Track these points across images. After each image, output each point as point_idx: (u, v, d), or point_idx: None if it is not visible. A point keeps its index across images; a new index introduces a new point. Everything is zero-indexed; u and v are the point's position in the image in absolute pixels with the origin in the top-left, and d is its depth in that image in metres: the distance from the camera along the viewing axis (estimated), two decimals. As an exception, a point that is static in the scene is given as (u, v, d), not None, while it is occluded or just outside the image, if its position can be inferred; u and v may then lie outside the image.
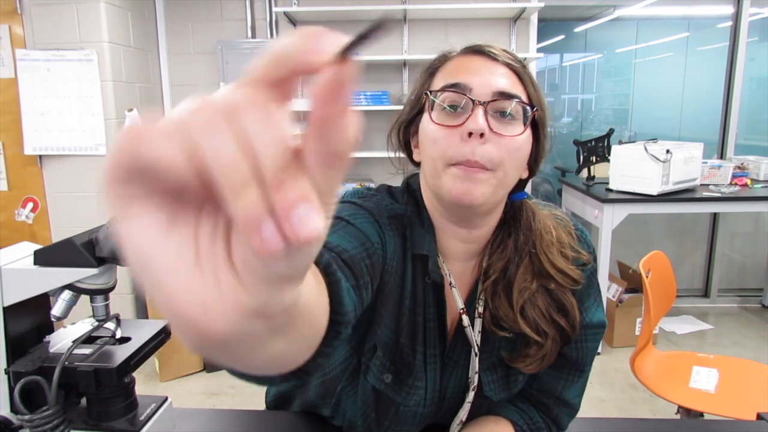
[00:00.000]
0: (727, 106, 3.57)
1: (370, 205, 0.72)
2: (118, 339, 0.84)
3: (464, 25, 3.34)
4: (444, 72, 0.71)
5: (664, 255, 1.98)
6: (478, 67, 0.68)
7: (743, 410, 1.63)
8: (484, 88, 0.66)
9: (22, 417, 0.74)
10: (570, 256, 0.75)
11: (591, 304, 0.79)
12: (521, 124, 0.67)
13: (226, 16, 3.34)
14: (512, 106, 0.66)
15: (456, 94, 0.67)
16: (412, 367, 0.75)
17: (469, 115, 0.65)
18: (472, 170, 0.65)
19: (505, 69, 0.69)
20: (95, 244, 0.76)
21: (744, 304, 3.73)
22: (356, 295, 0.59)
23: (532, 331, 0.72)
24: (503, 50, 0.70)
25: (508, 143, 0.66)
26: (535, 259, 0.73)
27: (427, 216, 0.75)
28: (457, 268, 0.77)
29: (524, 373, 0.79)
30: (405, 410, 0.76)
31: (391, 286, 0.72)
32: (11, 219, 3.04)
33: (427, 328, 0.75)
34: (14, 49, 2.81)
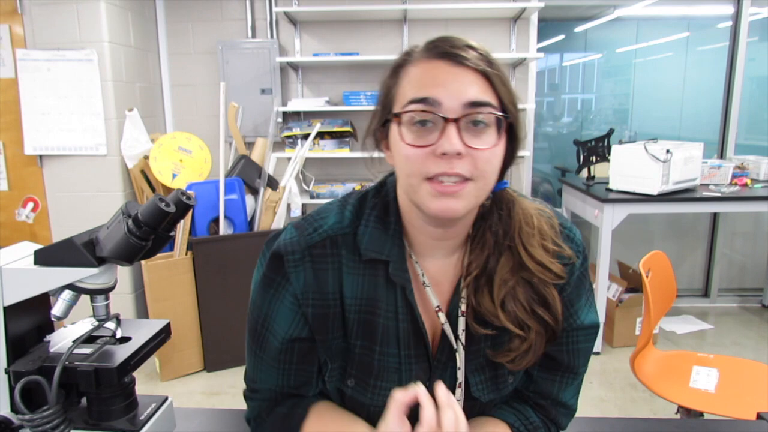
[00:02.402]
0: (727, 106, 3.57)
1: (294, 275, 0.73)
2: (119, 339, 0.84)
3: (464, 25, 3.34)
4: (410, 77, 0.68)
5: (664, 255, 1.98)
6: (445, 76, 0.65)
7: (743, 410, 1.63)
8: (454, 102, 0.64)
9: (22, 417, 0.74)
10: (551, 249, 0.73)
11: (583, 305, 0.78)
12: (495, 131, 0.66)
13: (226, 16, 3.34)
14: (485, 116, 0.65)
15: (426, 110, 0.64)
16: (371, 368, 0.75)
17: (441, 133, 0.63)
18: (449, 187, 0.64)
19: (473, 75, 0.65)
20: (95, 243, 0.76)
21: (744, 304, 3.73)
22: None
23: (514, 325, 0.71)
24: (469, 47, 0.67)
25: (484, 155, 0.65)
26: (515, 252, 0.72)
27: (394, 219, 0.74)
28: (434, 266, 0.76)
29: (514, 375, 0.78)
30: (376, 410, 0.75)
31: (345, 312, 0.74)
32: (11, 219, 3.04)
33: (389, 327, 0.74)
34: (14, 49, 2.81)
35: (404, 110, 0.66)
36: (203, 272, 2.77)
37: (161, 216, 0.75)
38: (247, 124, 3.31)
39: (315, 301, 0.74)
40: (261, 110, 3.31)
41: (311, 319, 0.75)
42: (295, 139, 3.28)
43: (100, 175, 2.92)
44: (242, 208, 2.87)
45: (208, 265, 2.76)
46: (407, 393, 0.67)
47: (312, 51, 3.36)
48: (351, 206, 0.77)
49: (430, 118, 0.64)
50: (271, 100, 3.30)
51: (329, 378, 0.78)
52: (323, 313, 0.74)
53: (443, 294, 0.77)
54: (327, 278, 0.74)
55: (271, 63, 3.28)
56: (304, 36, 3.37)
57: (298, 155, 3.07)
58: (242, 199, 2.87)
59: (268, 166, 3.07)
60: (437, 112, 0.64)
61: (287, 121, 3.38)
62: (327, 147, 3.26)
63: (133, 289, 3.02)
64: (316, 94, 3.41)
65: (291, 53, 3.38)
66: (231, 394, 2.64)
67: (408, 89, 0.67)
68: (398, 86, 0.69)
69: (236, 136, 3.09)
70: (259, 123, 3.32)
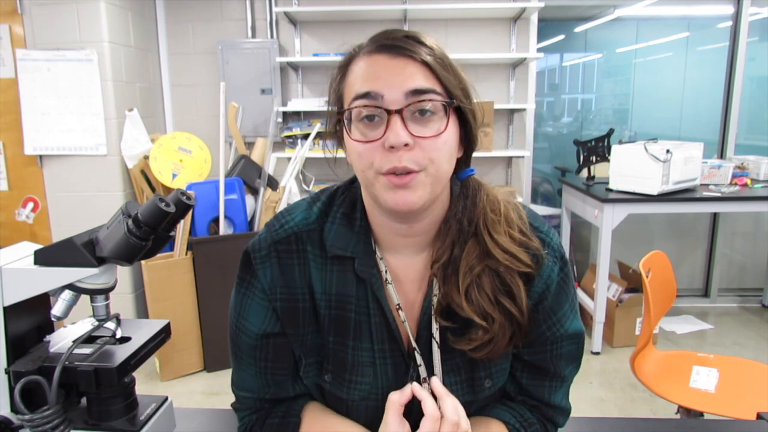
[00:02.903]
0: (727, 105, 3.57)
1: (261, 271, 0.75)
2: (119, 339, 0.84)
3: (464, 25, 3.34)
4: (354, 73, 0.68)
5: (664, 255, 1.98)
6: (386, 68, 0.65)
7: (743, 410, 1.63)
8: (396, 93, 0.64)
9: (22, 417, 0.74)
10: (517, 237, 0.73)
11: (566, 312, 0.77)
12: (443, 116, 0.65)
13: (226, 16, 3.34)
14: (429, 103, 0.64)
15: (369, 104, 0.64)
16: (345, 363, 0.76)
17: (387, 126, 0.64)
18: (402, 178, 0.65)
19: (414, 65, 0.65)
20: (95, 243, 0.76)
21: (744, 304, 3.73)
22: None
23: (477, 316, 0.70)
24: (408, 37, 0.66)
25: (432, 143, 0.65)
26: (480, 239, 0.72)
27: (359, 215, 0.75)
28: (403, 263, 0.76)
29: (492, 379, 0.77)
30: (352, 404, 0.77)
31: (316, 307, 0.75)
32: (11, 219, 3.04)
33: (362, 323, 0.75)
34: (14, 49, 2.81)
35: (350, 107, 0.66)
36: (203, 272, 2.77)
37: (161, 216, 0.75)
38: (247, 124, 3.31)
39: (282, 295, 0.75)
40: (261, 110, 3.31)
41: (281, 313, 0.76)
42: (295, 139, 3.29)
43: (100, 175, 2.92)
44: (242, 208, 2.87)
45: (208, 265, 2.76)
46: (403, 393, 0.68)
47: (312, 51, 3.36)
48: (320, 203, 0.78)
49: (374, 112, 0.65)
50: (271, 100, 3.30)
51: (305, 373, 0.78)
52: (292, 307, 0.75)
53: (414, 292, 0.77)
54: (294, 273, 0.75)
55: (271, 63, 3.27)
56: (304, 36, 3.37)
57: (298, 155, 3.07)
58: (242, 199, 2.87)
59: (268, 166, 3.07)
60: (380, 105, 0.64)
61: (287, 121, 3.38)
62: (326, 147, 3.25)
63: (133, 289, 3.02)
64: (316, 94, 3.41)
65: (291, 53, 3.38)
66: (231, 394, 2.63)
67: (352, 86, 0.67)
68: (345, 84, 0.69)
69: (236, 136, 3.09)
70: (259, 123, 3.32)
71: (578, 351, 0.81)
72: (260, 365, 0.79)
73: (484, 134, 3.12)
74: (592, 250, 3.81)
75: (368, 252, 0.74)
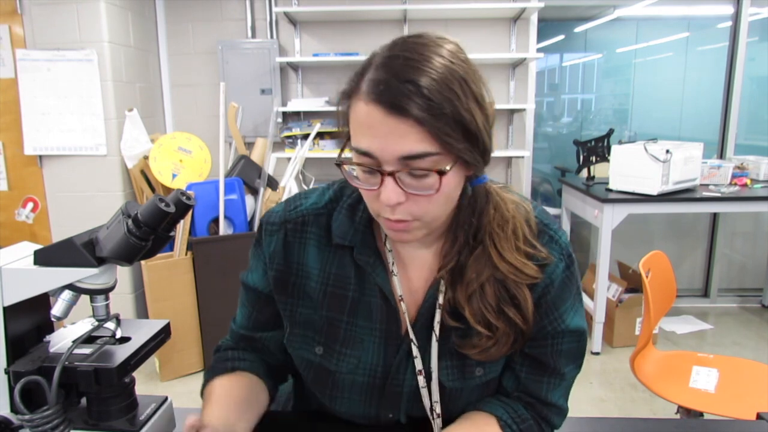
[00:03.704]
0: (727, 106, 3.57)
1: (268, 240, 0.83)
2: (118, 339, 0.84)
3: (464, 25, 3.34)
4: (356, 115, 0.65)
5: (664, 255, 1.98)
6: (381, 127, 0.62)
7: (743, 410, 1.63)
8: (389, 156, 0.62)
9: (22, 417, 0.74)
10: (523, 249, 0.74)
11: (567, 309, 0.78)
12: (437, 175, 0.63)
13: (226, 16, 3.34)
14: (423, 167, 0.63)
15: (365, 164, 0.65)
16: (338, 335, 0.81)
17: (381, 182, 0.64)
18: (398, 225, 0.68)
19: (406, 123, 0.61)
20: (95, 244, 0.76)
21: (744, 304, 3.73)
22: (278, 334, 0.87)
23: (478, 324, 0.73)
24: (409, 82, 0.60)
25: (427, 200, 0.66)
26: (486, 251, 0.73)
27: (362, 208, 0.79)
28: (412, 255, 0.80)
29: (483, 367, 0.79)
30: (340, 377, 0.81)
31: (307, 281, 0.82)
32: (11, 219, 3.04)
33: (360, 302, 0.80)
34: (14, 49, 2.81)
35: (351, 161, 0.67)
36: (203, 272, 2.77)
37: (161, 216, 0.75)
38: (247, 124, 3.31)
39: (278, 266, 0.82)
40: (261, 110, 3.31)
41: (272, 281, 0.83)
42: (295, 140, 3.29)
43: (100, 175, 2.92)
44: (242, 208, 2.87)
45: (208, 265, 2.76)
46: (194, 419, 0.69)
47: (312, 51, 3.36)
48: (332, 190, 0.84)
49: (371, 168, 0.65)
50: (270, 100, 3.30)
51: (289, 342, 0.84)
52: (284, 279, 0.83)
53: (419, 279, 0.80)
54: (293, 250, 0.82)
55: (271, 63, 3.27)
56: (304, 36, 3.37)
57: (297, 155, 3.07)
58: (242, 199, 2.87)
59: (268, 166, 3.07)
60: (375, 166, 0.64)
61: (287, 121, 3.38)
62: (327, 147, 3.26)
63: (133, 290, 3.02)
64: (316, 94, 3.41)
65: (291, 53, 3.38)
66: (231, 394, 2.64)
67: (355, 130, 0.66)
68: (350, 115, 0.67)
69: (236, 136, 3.09)
70: (259, 123, 3.32)
71: (579, 350, 0.82)
72: (247, 308, 0.89)
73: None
74: (591, 250, 3.81)
75: (367, 242, 0.79)
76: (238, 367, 0.88)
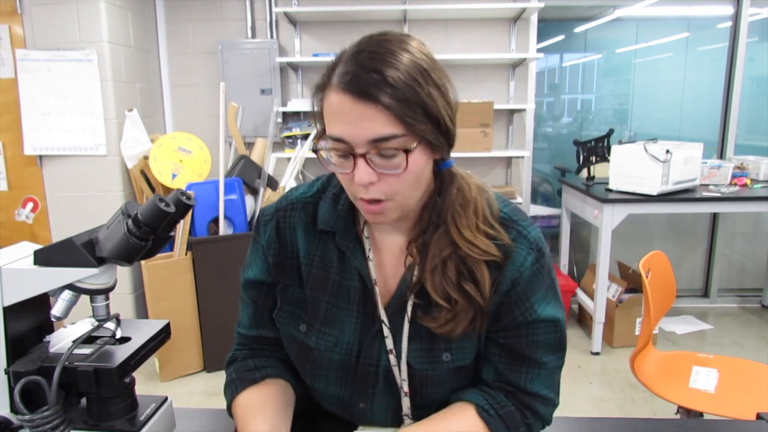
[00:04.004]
0: (726, 106, 3.57)
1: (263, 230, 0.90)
2: (118, 339, 0.84)
3: (464, 25, 3.34)
4: (329, 104, 0.71)
5: (664, 255, 1.98)
6: (351, 114, 0.68)
7: (743, 410, 1.63)
8: (359, 139, 0.69)
9: (22, 417, 0.74)
10: (483, 229, 0.79)
11: (539, 299, 0.81)
12: (404, 156, 0.70)
13: (226, 16, 3.34)
14: (389, 149, 0.69)
15: (338, 148, 0.71)
16: (319, 314, 0.86)
17: (354, 164, 0.70)
18: (374, 206, 0.74)
19: (375, 109, 0.67)
20: (95, 244, 0.76)
21: (744, 304, 3.73)
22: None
23: (439, 297, 0.78)
24: (375, 72, 0.67)
25: (396, 178, 0.72)
26: (447, 230, 0.79)
27: (345, 197, 0.84)
28: (387, 240, 0.86)
29: (451, 353, 0.82)
30: (319, 354, 0.86)
31: (296, 262, 0.88)
32: (11, 219, 3.04)
33: (341, 285, 0.85)
34: (14, 49, 2.81)
35: (323, 147, 0.73)
36: (203, 272, 2.77)
37: (161, 216, 0.75)
38: (247, 125, 3.31)
39: (275, 251, 0.88)
40: (261, 110, 3.31)
41: (272, 265, 0.89)
42: (295, 140, 3.29)
43: (100, 175, 2.92)
44: (242, 209, 2.87)
45: (208, 266, 2.76)
46: None
47: (312, 51, 3.36)
48: (320, 182, 0.91)
49: (343, 154, 0.71)
50: (270, 100, 3.30)
51: (278, 317, 0.90)
52: (281, 263, 0.88)
53: (394, 266, 0.85)
54: (285, 234, 0.88)
55: (271, 63, 3.28)
56: (304, 36, 3.37)
57: (297, 155, 3.07)
58: (242, 199, 2.87)
59: (268, 167, 3.07)
60: (347, 150, 0.70)
61: (287, 121, 3.39)
62: (327, 147, 3.25)
63: (132, 290, 3.02)
64: (316, 94, 3.41)
65: (291, 53, 3.38)
66: (231, 394, 2.64)
67: (328, 119, 0.72)
68: (323, 108, 0.73)
69: (236, 136, 3.09)
70: (258, 123, 3.32)
71: (557, 340, 0.83)
72: (251, 306, 0.92)
73: (484, 134, 3.12)
74: (591, 251, 3.81)
75: (348, 228, 0.85)
76: (267, 375, 0.90)
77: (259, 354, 0.94)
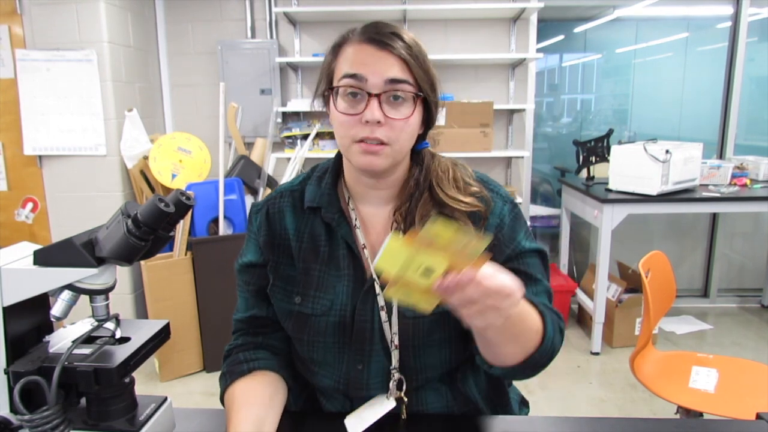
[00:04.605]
0: (726, 106, 3.57)
1: (254, 218, 1.00)
2: (118, 339, 0.84)
3: (464, 25, 3.34)
4: (345, 55, 0.84)
5: (663, 255, 1.98)
6: (371, 57, 0.81)
7: (742, 410, 1.63)
8: (377, 79, 0.81)
9: (21, 417, 0.74)
10: (462, 186, 0.92)
11: (522, 237, 0.93)
12: (411, 104, 0.83)
13: (226, 16, 3.34)
14: (402, 92, 0.82)
15: (354, 85, 0.81)
16: (312, 281, 0.93)
17: (366, 104, 0.81)
18: (372, 146, 0.83)
19: (394, 58, 0.81)
20: (95, 244, 0.76)
21: (743, 304, 3.73)
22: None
23: None
24: (394, 34, 0.83)
25: (399, 124, 0.83)
26: (433, 192, 0.90)
27: (328, 176, 0.95)
28: (371, 212, 0.95)
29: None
30: (315, 320, 0.91)
31: (286, 242, 0.95)
32: (11, 219, 3.04)
33: (330, 255, 0.93)
34: (14, 49, 2.81)
35: (339, 84, 0.83)
36: (203, 272, 2.77)
37: (161, 216, 0.75)
38: (247, 125, 3.31)
39: (265, 233, 0.97)
40: (260, 110, 3.31)
41: (263, 245, 0.97)
42: (295, 140, 3.29)
43: (100, 175, 2.92)
44: (242, 209, 2.87)
45: (208, 266, 2.76)
46: None
47: (311, 51, 3.36)
48: (304, 174, 1.01)
49: (358, 91, 0.82)
50: (270, 100, 3.30)
51: (271, 292, 0.96)
52: (271, 242, 0.96)
53: (380, 235, 0.94)
54: (275, 219, 0.97)
55: (271, 63, 3.28)
56: (304, 36, 3.37)
57: (297, 155, 3.07)
58: (242, 199, 2.87)
59: (268, 167, 3.07)
60: (363, 87, 0.81)
61: (287, 121, 3.39)
62: (326, 147, 3.26)
63: (132, 290, 3.02)
64: (316, 94, 3.41)
65: (290, 53, 3.38)
66: (230, 394, 2.64)
67: (343, 65, 0.84)
68: (336, 62, 0.86)
69: (236, 136, 3.09)
70: (258, 123, 3.32)
71: (543, 266, 0.95)
72: (246, 288, 1.00)
73: (484, 134, 3.12)
74: (591, 251, 3.81)
75: (332, 202, 0.93)
76: (255, 367, 0.94)
77: (252, 343, 0.98)
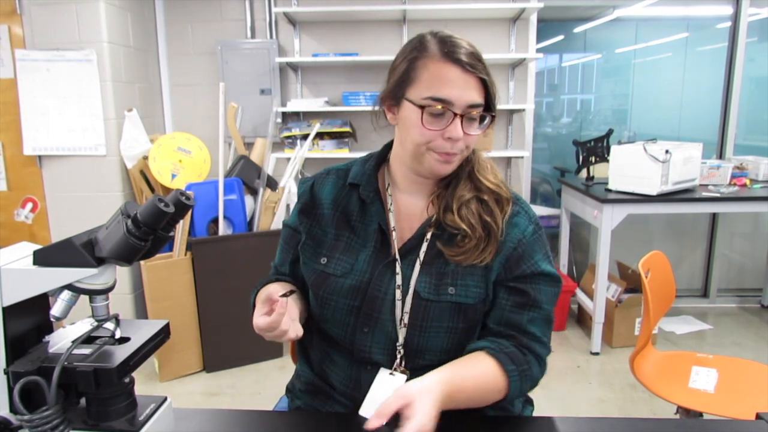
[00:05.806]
0: (726, 106, 3.58)
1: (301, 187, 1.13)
2: (118, 339, 0.84)
3: (464, 25, 3.34)
4: (429, 71, 0.92)
5: (663, 255, 1.98)
6: (456, 80, 0.90)
7: (742, 410, 1.63)
8: (461, 101, 0.90)
9: (21, 417, 0.74)
10: (499, 179, 1.03)
11: (540, 258, 1.00)
12: (483, 123, 0.95)
13: (225, 16, 3.34)
14: (479, 114, 0.93)
15: (441, 107, 0.91)
16: (339, 246, 1.03)
17: (450, 122, 0.91)
18: (450, 158, 0.95)
19: (475, 81, 0.91)
20: (95, 244, 0.76)
21: (743, 304, 3.73)
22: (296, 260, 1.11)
23: (463, 223, 0.97)
24: (472, 54, 0.91)
25: (473, 139, 0.96)
26: (472, 177, 1.01)
27: (371, 162, 1.07)
28: (408, 201, 1.05)
29: (455, 287, 0.97)
30: (335, 280, 1.00)
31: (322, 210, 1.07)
32: (11, 219, 3.04)
33: (361, 228, 1.03)
34: (14, 49, 2.81)
35: (427, 104, 0.91)
36: (202, 273, 2.77)
37: (160, 216, 0.75)
38: (247, 125, 3.31)
39: (306, 200, 1.10)
40: (260, 110, 3.31)
41: (300, 211, 1.10)
42: (295, 140, 3.28)
43: (100, 175, 2.92)
44: (241, 209, 2.87)
45: (208, 266, 2.76)
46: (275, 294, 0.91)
47: (311, 51, 3.36)
48: (349, 162, 1.12)
49: (444, 111, 0.91)
50: (270, 100, 3.30)
51: (302, 249, 1.07)
52: (308, 210, 1.09)
53: (412, 221, 1.03)
54: (317, 190, 1.10)
55: (271, 63, 3.28)
56: (304, 36, 3.37)
57: (297, 155, 3.07)
58: (241, 199, 2.87)
59: (268, 167, 3.07)
60: (449, 108, 0.91)
61: (286, 121, 3.38)
62: (326, 147, 3.26)
63: (132, 290, 3.02)
64: (316, 94, 3.41)
65: (290, 53, 3.38)
66: (230, 394, 2.64)
67: (427, 82, 0.91)
68: (416, 73, 0.93)
69: (235, 136, 3.09)
70: (258, 123, 3.32)
71: (554, 294, 1.00)
72: (284, 247, 1.14)
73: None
74: (591, 251, 3.81)
75: (371, 182, 1.05)
76: (281, 279, 1.11)
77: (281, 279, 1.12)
